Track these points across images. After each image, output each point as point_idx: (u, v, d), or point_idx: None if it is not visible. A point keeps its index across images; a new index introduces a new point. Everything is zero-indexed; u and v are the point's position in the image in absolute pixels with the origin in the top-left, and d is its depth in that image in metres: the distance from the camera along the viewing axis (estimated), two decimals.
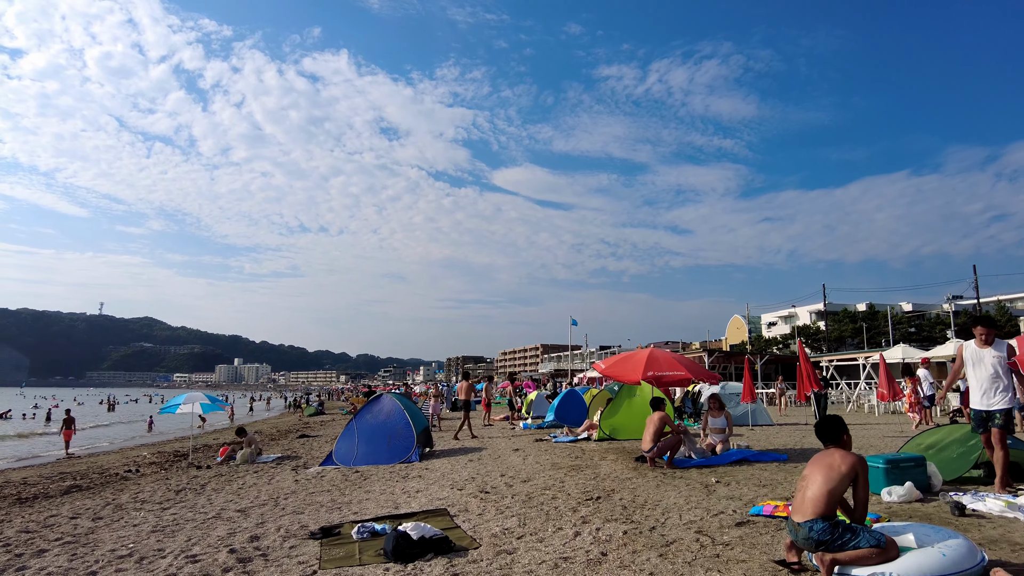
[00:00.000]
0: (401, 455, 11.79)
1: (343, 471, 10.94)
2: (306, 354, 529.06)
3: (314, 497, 8.48)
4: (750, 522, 5.72)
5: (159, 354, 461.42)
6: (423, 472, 10.18)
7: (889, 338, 53.47)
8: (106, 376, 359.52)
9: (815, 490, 4.06)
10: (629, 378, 10.16)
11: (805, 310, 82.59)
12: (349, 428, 12.39)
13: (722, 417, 10.10)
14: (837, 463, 4.14)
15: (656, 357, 10.03)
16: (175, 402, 15.00)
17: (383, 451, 11.92)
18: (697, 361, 23.53)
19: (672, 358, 10.12)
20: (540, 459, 10.78)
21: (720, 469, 8.89)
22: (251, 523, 6.99)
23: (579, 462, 10.16)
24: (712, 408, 10.30)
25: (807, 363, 13.54)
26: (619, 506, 6.65)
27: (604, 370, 10.60)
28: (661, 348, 10.87)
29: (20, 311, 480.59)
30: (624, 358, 11.12)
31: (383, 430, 12.24)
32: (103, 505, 8.82)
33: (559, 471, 9.28)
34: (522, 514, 6.48)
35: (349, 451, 12.02)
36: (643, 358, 10.01)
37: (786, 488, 7.31)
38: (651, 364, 9.82)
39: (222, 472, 12.21)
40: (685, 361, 10.27)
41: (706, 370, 11.41)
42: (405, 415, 12.37)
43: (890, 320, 57.48)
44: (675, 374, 9.79)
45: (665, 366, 9.82)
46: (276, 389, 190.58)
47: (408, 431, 12.13)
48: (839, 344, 66.88)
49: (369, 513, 7.16)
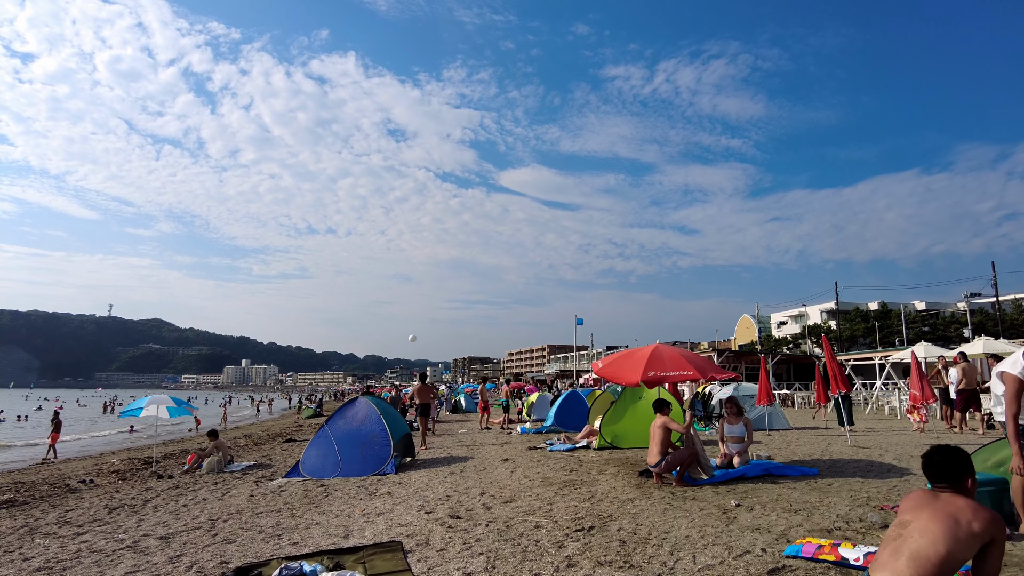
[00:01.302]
0: (375, 466, 10.48)
1: (307, 484, 9.67)
2: (314, 355, 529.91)
3: (259, 519, 7.19)
4: (786, 568, 4.34)
5: (167, 355, 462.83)
6: (394, 487, 8.85)
7: (903, 338, 52.37)
8: (115, 377, 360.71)
9: (928, 549, 2.72)
10: (627, 379, 8.62)
11: (816, 309, 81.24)
12: (320, 435, 11.11)
13: (740, 424, 8.69)
14: (966, 517, 2.79)
15: (660, 354, 8.62)
16: (137, 405, 13.76)
17: (355, 461, 10.62)
18: None
19: (679, 355, 8.68)
20: (530, 472, 9.42)
21: (740, 487, 7.50)
22: (164, 556, 5.71)
23: (574, 476, 8.79)
24: (729, 413, 8.89)
25: (834, 362, 12.05)
26: (616, 540, 5.28)
27: (601, 370, 9.19)
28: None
29: (30, 313, 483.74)
30: (624, 356, 9.73)
31: (356, 437, 10.93)
32: (15, 529, 7.55)
33: (549, 488, 7.93)
34: (494, 551, 5.14)
35: (318, 461, 10.74)
36: (644, 356, 8.61)
37: (824, 515, 5.90)
38: (653, 363, 8.42)
39: (181, 483, 11.02)
40: (694, 358, 8.86)
41: (717, 367, 9.91)
42: (382, 421, 11.06)
43: (903, 319, 56.11)
44: (681, 373, 8.36)
45: (669, 364, 8.39)
46: (283, 390, 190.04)
47: (384, 439, 10.81)
48: (851, 343, 65.76)
49: (311, 543, 5.85)
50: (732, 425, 8.67)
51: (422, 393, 15.02)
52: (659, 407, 8.08)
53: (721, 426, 8.87)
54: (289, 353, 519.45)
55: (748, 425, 8.69)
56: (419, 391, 15.15)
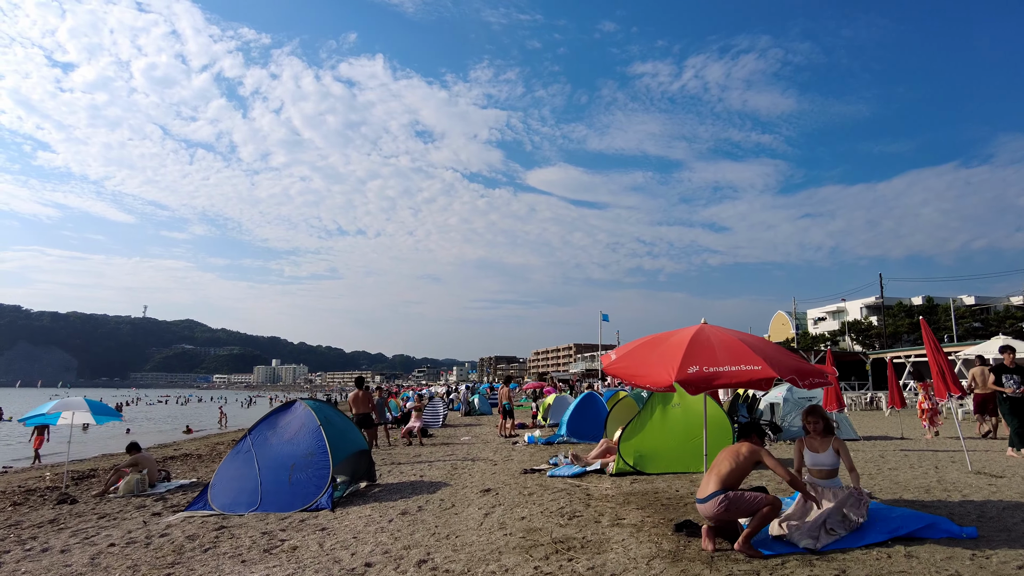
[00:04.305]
0: (305, 497, 7.63)
1: (205, 523, 6.98)
2: (343, 355, 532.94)
3: None
4: None
5: (199, 355, 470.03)
6: (309, 539, 5.98)
7: (953, 334, 49.17)
8: (148, 377, 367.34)
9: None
10: (655, 378, 5.23)
11: (855, 305, 77.00)
12: (240, 450, 8.30)
13: (830, 449, 5.49)
14: None
15: (706, 341, 5.45)
16: (39, 411, 11.16)
17: (281, 490, 7.78)
18: None
19: (736, 341, 5.42)
20: (511, 518, 6.40)
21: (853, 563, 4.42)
22: None
23: (573, 531, 5.73)
24: (812, 432, 5.55)
25: (941, 355, 8.67)
26: None
27: (614, 365, 5.86)
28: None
29: (69, 314, 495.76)
30: (649, 344, 6.00)
31: (286, 456, 8.08)
32: None
33: (529, 559, 4.92)
34: None
35: (233, 487, 7.94)
36: (681, 343, 5.43)
37: None
38: (696, 353, 5.25)
39: (76, 512, 8.61)
40: (762, 346, 5.55)
41: (803, 360, 6.05)
42: (321, 435, 8.18)
43: (953, 313, 52.00)
44: (742, 369, 4.98)
45: (723, 356, 5.15)
46: (311, 390, 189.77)
47: (321, 459, 7.93)
48: (894, 340, 61.83)
49: None
50: (818, 452, 5.50)
51: (358, 402, 12.19)
52: (747, 432, 5.22)
53: (797, 450, 5.70)
54: (319, 353, 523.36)
55: (842, 450, 5.50)
56: (355, 399, 12.31)
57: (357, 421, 12.05)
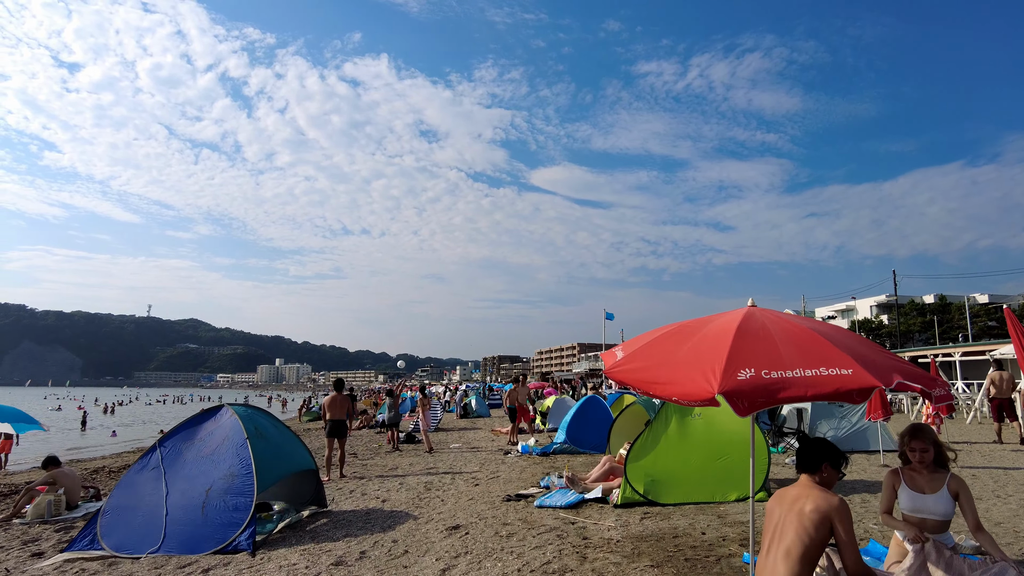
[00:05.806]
0: (218, 536, 5.87)
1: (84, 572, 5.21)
2: (347, 354, 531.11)
3: None
4: None
5: (203, 355, 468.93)
6: None
7: (967, 332, 48.74)
8: (153, 376, 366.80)
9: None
10: (687, 389, 3.27)
11: (865, 303, 75.50)
12: (144, 467, 6.55)
13: (944, 491, 3.65)
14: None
15: (759, 332, 3.54)
16: None
17: (191, 523, 6.03)
18: None
19: (805, 331, 3.54)
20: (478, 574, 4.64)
21: None
22: None
23: None
24: (920, 463, 3.72)
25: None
26: None
27: (624, 372, 3.90)
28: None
29: (74, 314, 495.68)
30: (672, 338, 4.00)
31: (201, 478, 6.32)
32: None
33: None
34: None
35: (129, 518, 6.19)
36: (723, 335, 3.55)
37: None
38: (746, 352, 3.35)
39: None
40: (842, 338, 3.55)
41: (899, 358, 3.65)
42: (247, 451, 6.42)
43: (967, 312, 50.29)
44: (821, 374, 3.11)
45: (789, 355, 3.29)
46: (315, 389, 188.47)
47: (244, 483, 6.18)
48: (906, 339, 60.18)
49: None
50: (924, 493, 3.70)
51: (334, 406, 10.50)
52: (814, 455, 3.36)
53: (888, 486, 3.88)
54: (323, 352, 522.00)
55: (962, 494, 3.67)
56: (330, 403, 10.62)
57: (330, 429, 10.39)
